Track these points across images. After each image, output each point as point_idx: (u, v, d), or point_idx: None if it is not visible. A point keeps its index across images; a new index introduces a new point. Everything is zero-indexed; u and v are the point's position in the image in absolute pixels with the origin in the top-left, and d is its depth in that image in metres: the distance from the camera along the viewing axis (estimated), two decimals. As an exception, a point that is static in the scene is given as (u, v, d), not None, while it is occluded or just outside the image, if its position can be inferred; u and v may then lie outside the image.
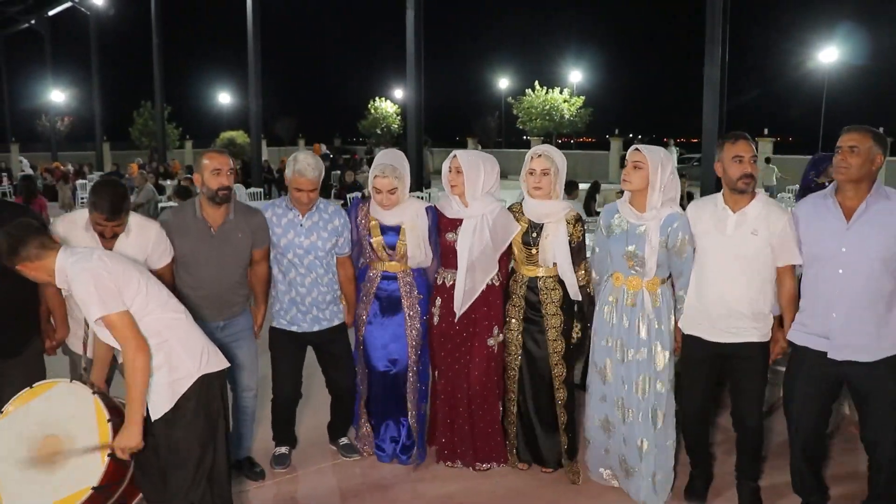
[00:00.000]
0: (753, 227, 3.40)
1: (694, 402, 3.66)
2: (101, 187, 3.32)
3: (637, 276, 3.62)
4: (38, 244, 2.83)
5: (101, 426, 2.98)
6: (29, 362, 3.43)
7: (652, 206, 3.56)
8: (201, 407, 2.96)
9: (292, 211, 3.89)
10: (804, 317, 3.39)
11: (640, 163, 3.57)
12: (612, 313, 3.70)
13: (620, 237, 3.64)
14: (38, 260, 2.83)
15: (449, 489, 3.90)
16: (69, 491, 2.90)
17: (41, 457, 2.99)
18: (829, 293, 3.27)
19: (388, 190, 3.84)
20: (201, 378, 2.95)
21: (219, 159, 3.60)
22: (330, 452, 4.30)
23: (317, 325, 3.98)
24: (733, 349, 3.49)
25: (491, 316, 3.93)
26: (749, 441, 3.64)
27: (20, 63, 40.31)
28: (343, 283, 4.05)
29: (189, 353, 2.94)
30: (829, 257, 3.26)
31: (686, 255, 3.54)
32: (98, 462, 2.92)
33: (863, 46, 47.34)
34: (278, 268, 3.95)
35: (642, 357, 3.61)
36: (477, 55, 68.24)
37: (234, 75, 38.61)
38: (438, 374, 4.05)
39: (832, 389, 3.43)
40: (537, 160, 3.82)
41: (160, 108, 26.65)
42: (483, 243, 3.82)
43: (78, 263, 2.79)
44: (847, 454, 4.28)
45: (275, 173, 22.51)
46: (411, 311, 3.99)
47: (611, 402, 3.76)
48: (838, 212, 3.25)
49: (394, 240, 3.90)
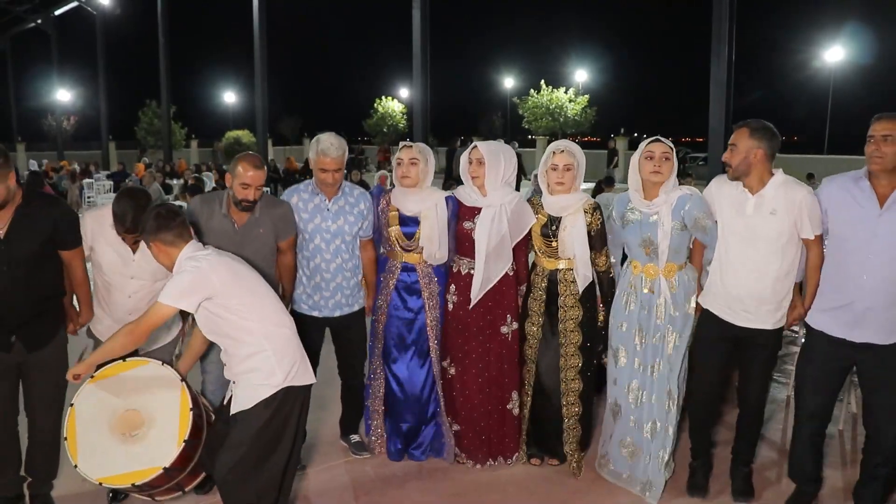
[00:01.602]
0: (772, 206, 3.43)
1: (703, 383, 3.72)
2: (124, 199, 3.37)
3: (654, 263, 3.68)
4: (177, 233, 3.02)
5: (182, 414, 3.18)
6: (54, 354, 3.47)
7: (665, 193, 3.63)
8: (277, 418, 3.07)
9: (318, 195, 3.93)
10: (824, 300, 3.43)
11: (669, 153, 3.63)
12: (631, 301, 3.76)
13: (635, 226, 3.71)
14: (170, 246, 3.02)
15: (460, 486, 3.92)
16: (141, 466, 3.11)
17: (118, 427, 3.20)
18: (856, 278, 3.29)
19: (409, 159, 3.90)
20: (286, 389, 3.06)
21: (252, 176, 3.56)
22: (341, 450, 4.33)
23: (338, 311, 4.02)
24: (748, 333, 3.55)
25: (504, 305, 3.97)
26: (749, 420, 3.73)
27: (26, 62, 40.51)
28: (365, 266, 4.10)
29: (280, 365, 3.05)
30: (859, 243, 3.27)
31: (709, 229, 3.60)
32: (173, 446, 3.12)
33: (869, 46, 47.26)
34: (303, 253, 3.97)
35: (658, 342, 3.69)
36: (482, 55, 68.35)
37: (240, 75, 38.79)
38: (452, 361, 4.06)
39: (842, 375, 3.51)
40: (560, 156, 3.84)
41: (166, 108, 26.73)
42: (501, 233, 3.85)
43: (191, 260, 2.97)
44: (840, 446, 4.33)
45: (280, 172, 22.57)
46: (430, 301, 4.02)
47: (621, 386, 3.82)
48: (872, 197, 3.26)
49: (413, 230, 3.94)
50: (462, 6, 72.92)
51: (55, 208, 3.42)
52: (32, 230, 3.28)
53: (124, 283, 3.55)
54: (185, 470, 3.25)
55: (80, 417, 3.24)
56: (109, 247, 3.50)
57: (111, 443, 3.18)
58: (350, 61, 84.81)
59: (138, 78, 38.93)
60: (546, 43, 75.43)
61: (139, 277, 3.55)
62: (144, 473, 3.11)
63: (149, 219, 3.02)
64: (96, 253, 3.53)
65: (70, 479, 3.73)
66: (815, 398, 3.49)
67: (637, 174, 3.70)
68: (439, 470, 4.09)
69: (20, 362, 3.39)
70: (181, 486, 3.36)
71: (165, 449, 3.13)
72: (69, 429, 3.23)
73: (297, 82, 69.43)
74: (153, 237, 3.01)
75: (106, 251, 3.51)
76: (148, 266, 3.49)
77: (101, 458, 3.16)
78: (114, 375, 3.31)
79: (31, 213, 3.28)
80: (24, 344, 3.34)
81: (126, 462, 3.14)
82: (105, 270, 3.55)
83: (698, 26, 15.99)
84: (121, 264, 3.52)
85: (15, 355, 3.35)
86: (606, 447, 3.97)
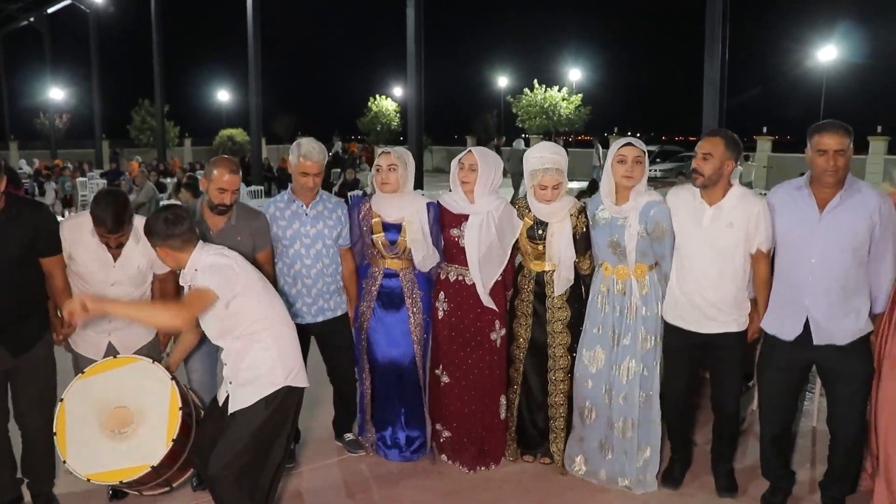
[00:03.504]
0: (729, 219, 3.48)
1: (674, 390, 3.76)
2: (103, 199, 3.33)
3: (624, 264, 3.70)
4: (185, 238, 3.02)
5: (172, 412, 3.20)
6: (40, 357, 3.46)
7: (634, 198, 3.65)
8: (275, 418, 3.09)
9: (296, 202, 3.94)
10: (776, 304, 3.49)
11: (641, 157, 3.63)
12: (604, 302, 3.79)
13: (605, 227, 3.74)
14: (178, 251, 3.02)
15: (454, 484, 3.94)
16: (130, 464, 3.13)
17: (108, 424, 3.20)
18: (801, 281, 3.36)
19: (388, 165, 3.89)
20: (287, 389, 3.08)
21: (227, 181, 3.59)
22: (335, 448, 4.34)
23: (321, 316, 4.03)
24: (712, 339, 3.60)
25: (492, 311, 3.97)
26: (726, 426, 3.78)
27: (19, 61, 40.32)
28: (345, 278, 4.10)
29: (283, 365, 3.07)
30: (802, 246, 3.35)
31: (666, 241, 3.63)
32: (162, 445, 3.14)
33: (862, 45, 47.42)
34: (283, 260, 3.97)
35: (630, 342, 3.72)
36: (476, 53, 68.33)
37: (234, 73, 38.65)
38: (443, 368, 4.07)
39: (802, 376, 3.57)
40: (549, 177, 3.79)
41: (160, 106, 26.59)
42: (489, 239, 3.85)
43: (218, 256, 3.00)
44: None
45: (275, 171, 22.53)
46: (414, 307, 4.03)
47: (597, 387, 3.83)
48: (812, 203, 3.33)
49: (395, 237, 3.94)
50: (456, 5, 72.99)
51: (37, 214, 3.39)
52: (15, 234, 3.25)
53: (105, 291, 3.46)
54: (174, 467, 3.27)
55: (71, 413, 3.24)
56: (89, 254, 3.45)
57: (100, 439, 3.19)
58: (344, 60, 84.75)
59: (132, 76, 38.88)
60: (540, 42, 75.55)
61: (120, 284, 3.51)
62: (133, 471, 3.12)
63: (157, 223, 3.00)
64: (75, 262, 3.47)
65: (71, 478, 3.74)
66: (776, 400, 3.56)
67: (611, 178, 3.70)
68: (434, 468, 4.10)
69: (7, 370, 3.36)
70: (169, 482, 3.38)
71: (154, 447, 3.14)
72: (59, 424, 3.24)
73: (292, 81, 69.42)
74: (162, 242, 3.01)
75: (85, 259, 3.46)
76: (128, 272, 3.48)
77: (90, 455, 3.17)
78: (104, 372, 3.32)
79: (13, 218, 3.25)
80: (8, 348, 3.31)
81: (115, 459, 3.14)
82: (86, 279, 3.49)
83: (692, 25, 16.04)
84: (101, 270, 3.48)
85: (1, 361, 3.32)
86: (579, 448, 3.97)
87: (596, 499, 3.81)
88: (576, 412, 3.95)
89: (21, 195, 4.03)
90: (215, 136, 35.34)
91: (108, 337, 3.59)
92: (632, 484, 3.80)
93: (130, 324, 3.58)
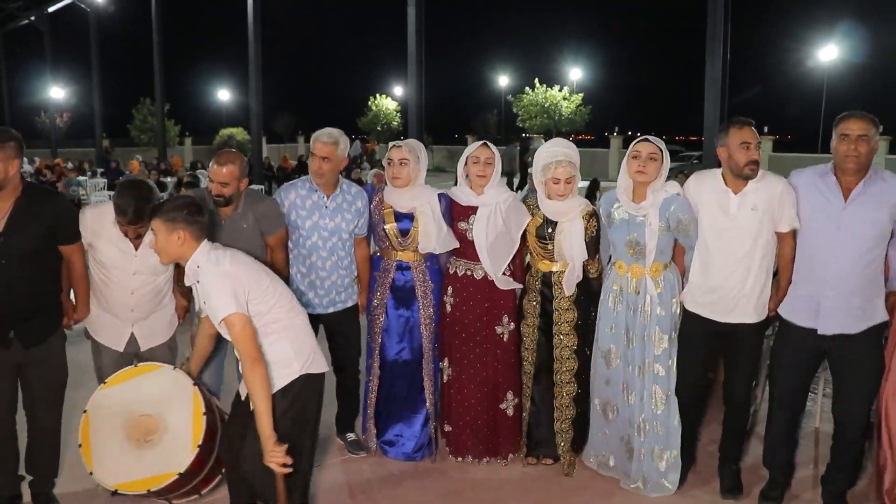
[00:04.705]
0: (753, 202, 3.48)
1: (687, 378, 3.74)
2: (126, 190, 3.36)
3: (639, 263, 3.69)
4: (195, 230, 2.93)
5: (196, 419, 3.18)
6: (52, 351, 3.46)
7: (652, 194, 3.63)
8: (295, 406, 3.03)
9: (317, 192, 3.94)
10: (793, 289, 3.49)
11: (656, 154, 3.62)
12: (617, 301, 3.77)
13: (621, 226, 3.72)
14: (194, 239, 2.93)
15: (457, 484, 3.93)
16: (157, 472, 3.11)
17: (133, 434, 3.18)
18: (821, 269, 3.36)
19: (399, 159, 3.88)
20: (304, 377, 3.04)
21: (224, 174, 3.61)
22: (337, 449, 4.33)
23: (332, 307, 4.04)
24: (731, 328, 3.59)
25: (501, 305, 3.98)
26: (735, 417, 3.78)
27: (19, 60, 40.24)
28: (359, 264, 4.12)
29: (298, 355, 3.04)
30: (824, 234, 3.34)
31: (692, 232, 3.63)
32: (188, 451, 3.12)
33: (862, 44, 47.42)
34: (299, 250, 3.96)
35: (644, 342, 3.70)
36: (476, 53, 68.27)
37: (234, 72, 38.64)
38: (450, 362, 4.07)
39: (815, 362, 3.58)
40: (562, 170, 3.78)
41: (160, 106, 26.58)
42: (497, 229, 3.86)
43: (217, 266, 2.88)
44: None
45: (275, 170, 22.52)
46: (425, 300, 4.03)
47: (615, 385, 3.83)
48: (837, 191, 3.33)
49: (408, 226, 3.94)
50: (457, 4, 72.93)
51: (55, 202, 3.41)
52: (32, 224, 3.26)
53: (126, 280, 3.52)
54: (201, 474, 3.25)
55: (94, 424, 3.22)
56: (111, 243, 3.48)
57: (126, 449, 3.17)
58: (344, 59, 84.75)
59: (132, 75, 38.84)
60: (540, 41, 75.50)
61: (141, 272, 3.54)
62: (160, 479, 3.10)
63: (179, 207, 2.92)
64: (96, 250, 3.51)
65: (71, 478, 3.74)
66: (788, 385, 3.57)
67: (627, 176, 3.70)
68: (436, 469, 4.09)
69: (19, 363, 3.36)
70: (197, 489, 3.36)
71: (181, 454, 3.12)
72: (83, 435, 3.21)
73: (292, 80, 69.36)
74: (181, 225, 2.89)
75: (107, 248, 3.49)
76: (149, 261, 3.47)
77: (117, 465, 3.15)
78: (126, 381, 3.30)
79: (31, 207, 3.26)
80: (21, 340, 3.32)
81: (141, 468, 3.12)
82: (107, 267, 3.52)
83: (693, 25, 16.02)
84: (123, 260, 3.50)
85: (13, 353, 3.32)
86: (601, 446, 3.96)
87: (598, 501, 3.80)
88: (596, 409, 3.94)
89: (36, 184, 4.03)
90: (216, 135, 35.38)
91: (130, 327, 3.61)
92: (646, 485, 3.77)
93: (152, 314, 3.62)
